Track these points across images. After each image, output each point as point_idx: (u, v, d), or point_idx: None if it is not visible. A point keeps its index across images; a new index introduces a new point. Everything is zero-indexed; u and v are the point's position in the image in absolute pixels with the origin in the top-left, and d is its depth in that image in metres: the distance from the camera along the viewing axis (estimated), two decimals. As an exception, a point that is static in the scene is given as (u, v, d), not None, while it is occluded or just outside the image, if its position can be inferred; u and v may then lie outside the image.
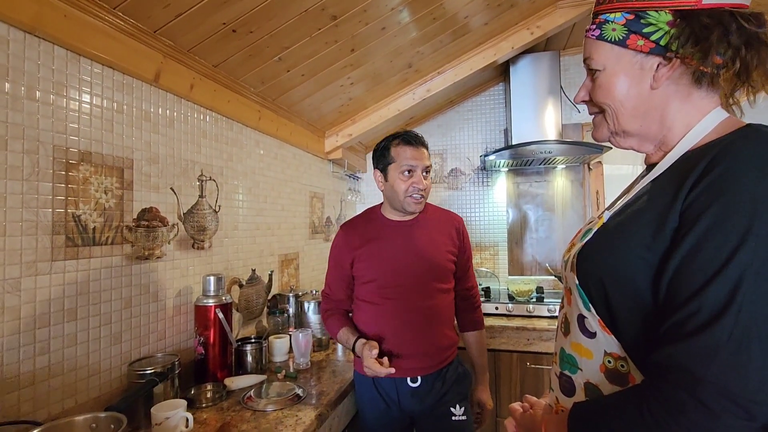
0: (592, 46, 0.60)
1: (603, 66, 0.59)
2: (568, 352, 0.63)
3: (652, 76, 0.56)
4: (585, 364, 0.59)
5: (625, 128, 0.61)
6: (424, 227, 1.32)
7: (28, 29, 0.91)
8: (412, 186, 1.24)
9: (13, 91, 0.89)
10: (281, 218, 1.97)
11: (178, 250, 1.34)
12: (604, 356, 0.56)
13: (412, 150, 1.25)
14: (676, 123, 0.58)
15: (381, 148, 1.32)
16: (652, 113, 0.58)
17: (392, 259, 1.28)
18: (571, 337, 0.62)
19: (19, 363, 0.89)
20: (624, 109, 0.59)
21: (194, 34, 1.26)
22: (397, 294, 1.26)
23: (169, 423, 0.98)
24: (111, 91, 1.12)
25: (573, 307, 0.62)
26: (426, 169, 1.27)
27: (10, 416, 0.86)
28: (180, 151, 1.37)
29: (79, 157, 1.03)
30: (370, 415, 1.30)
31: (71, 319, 1.00)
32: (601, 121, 0.64)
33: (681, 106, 0.57)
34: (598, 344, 0.57)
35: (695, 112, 0.57)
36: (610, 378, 0.56)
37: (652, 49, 0.55)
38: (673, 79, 0.56)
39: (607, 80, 0.59)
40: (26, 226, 0.91)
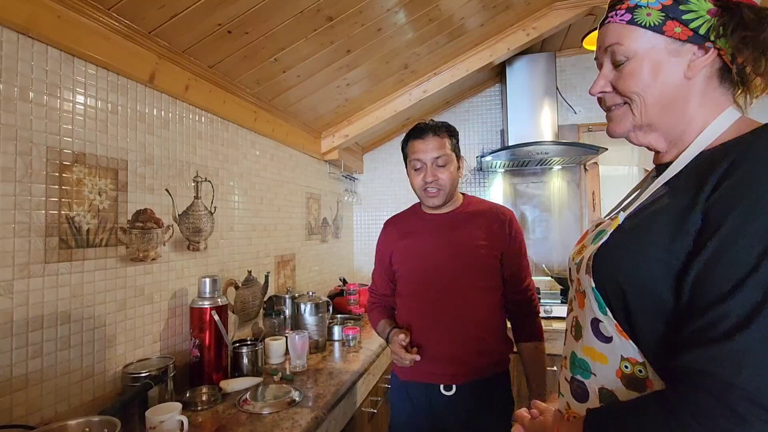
0: (621, 32, 0.57)
1: (634, 53, 0.56)
2: (580, 356, 0.61)
3: (687, 65, 0.54)
4: (599, 369, 0.57)
5: (651, 120, 0.58)
6: (462, 221, 1.24)
7: (22, 30, 0.90)
8: (422, 180, 1.20)
9: (6, 93, 0.88)
10: (277, 219, 1.97)
11: (173, 252, 1.34)
12: (621, 361, 0.54)
13: (420, 143, 1.21)
14: (696, 118, 0.56)
15: (402, 142, 1.29)
16: (678, 105, 0.56)
17: (425, 253, 1.23)
18: (584, 342, 0.60)
19: (11, 366, 0.88)
20: (653, 98, 0.56)
21: (189, 35, 1.25)
22: (428, 290, 1.21)
23: (164, 426, 0.97)
24: (105, 92, 1.12)
25: (586, 310, 0.60)
26: (436, 160, 1.18)
27: (3, 420, 0.85)
28: (175, 152, 1.36)
29: (72, 158, 1.02)
30: (396, 421, 1.25)
31: (65, 322, 0.99)
32: (624, 113, 0.60)
33: (702, 100, 0.56)
34: (614, 349, 0.55)
35: (713, 108, 0.56)
36: (627, 383, 0.54)
37: (690, 37, 0.53)
38: (706, 71, 0.55)
39: (638, 67, 0.56)
40: (19, 228, 0.90)
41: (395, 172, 2.85)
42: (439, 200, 1.22)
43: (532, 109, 2.36)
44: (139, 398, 1.02)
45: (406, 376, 1.22)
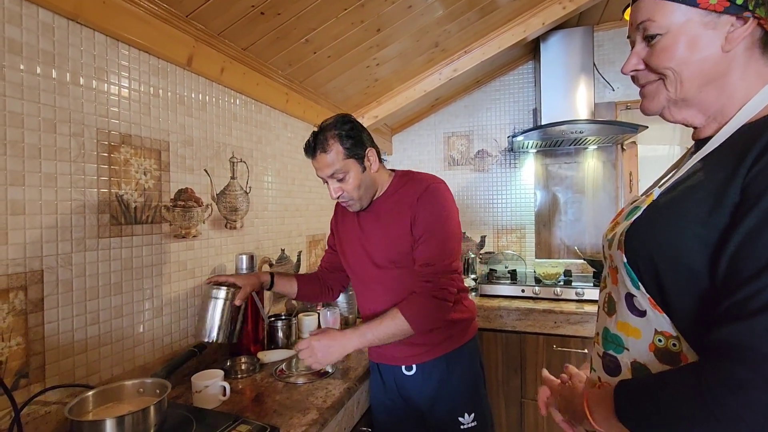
0: (653, 7, 0.55)
1: (667, 28, 0.54)
2: (613, 332, 0.61)
3: (724, 37, 0.52)
4: (632, 343, 0.58)
5: (686, 95, 0.56)
6: (379, 210, 1.19)
7: (71, 16, 0.95)
8: (332, 194, 1.15)
9: (59, 77, 0.93)
10: (309, 200, 2.01)
11: (212, 230, 1.40)
12: (655, 335, 0.55)
13: (313, 162, 1.14)
14: (738, 91, 0.54)
15: None
16: (717, 80, 0.54)
17: (350, 250, 1.26)
18: (618, 317, 0.60)
19: (72, 332, 0.96)
20: (690, 72, 0.54)
21: (224, 18, 1.28)
22: (360, 280, 1.25)
23: (208, 391, 1.04)
24: (147, 75, 1.16)
25: (620, 285, 0.60)
26: (333, 175, 1.10)
27: (67, 380, 0.94)
28: (212, 133, 1.41)
29: (120, 139, 1.07)
30: (373, 397, 1.30)
31: (117, 293, 1.07)
32: (657, 89, 0.58)
33: (744, 72, 0.53)
34: (648, 323, 0.55)
35: (756, 80, 0.53)
36: (661, 357, 0.54)
37: (726, 8, 0.51)
38: (742, 43, 0.52)
39: (672, 43, 0.54)
40: (75, 205, 0.97)
41: (424, 153, 2.83)
42: (357, 207, 1.18)
43: (567, 87, 2.27)
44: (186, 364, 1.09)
45: (374, 358, 1.27)
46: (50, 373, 0.91)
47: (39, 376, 0.89)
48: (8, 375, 0.83)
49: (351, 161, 1.11)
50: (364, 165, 1.14)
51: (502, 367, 2.00)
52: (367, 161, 1.14)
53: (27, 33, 0.87)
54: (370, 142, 1.17)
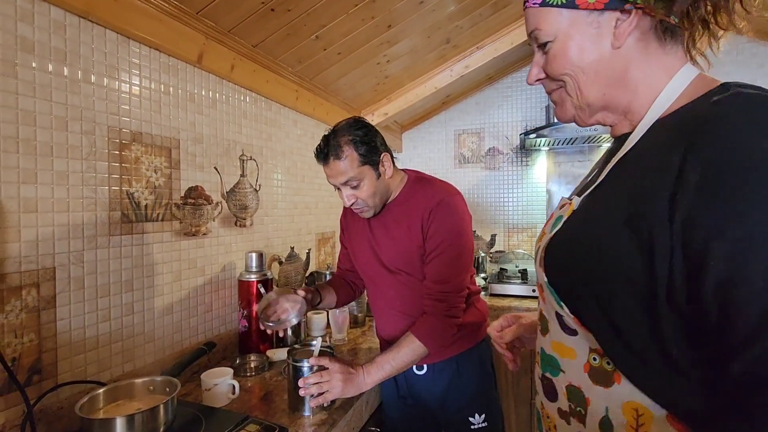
0: (537, 16, 0.53)
1: (554, 35, 0.52)
2: (548, 352, 0.58)
3: (612, 33, 0.49)
4: (567, 365, 0.54)
5: (589, 100, 0.53)
6: (390, 216, 1.16)
7: (82, 14, 0.95)
8: (345, 200, 1.11)
9: (71, 75, 0.93)
10: (318, 197, 2.01)
11: (221, 228, 1.40)
12: (589, 353, 0.51)
13: (325, 168, 1.09)
14: (641, 87, 0.51)
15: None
16: (616, 77, 0.51)
17: (360, 251, 1.25)
18: (551, 336, 0.57)
19: (84, 329, 0.97)
20: (586, 76, 0.52)
21: (234, 14, 1.27)
22: (373, 282, 1.24)
23: (218, 389, 1.04)
24: (158, 73, 1.16)
25: (547, 303, 0.57)
26: (347, 183, 1.07)
27: (79, 376, 0.95)
28: (222, 131, 1.40)
29: (130, 137, 1.08)
30: (385, 395, 1.29)
31: (128, 290, 1.07)
32: (562, 96, 0.56)
33: (644, 65, 0.50)
34: (582, 341, 0.52)
35: (661, 71, 0.50)
36: (594, 377, 0.50)
37: (606, 4, 0.48)
38: (634, 35, 0.49)
39: (561, 48, 0.52)
40: (86, 203, 0.97)
41: (434, 151, 2.80)
42: (369, 214, 1.15)
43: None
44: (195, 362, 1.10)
45: None
46: (62, 369, 0.92)
47: (51, 372, 0.90)
48: (21, 371, 0.84)
49: (366, 168, 1.07)
50: (378, 171, 1.09)
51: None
52: (381, 167, 1.10)
53: (39, 31, 0.87)
54: (384, 146, 1.13)
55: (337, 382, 0.97)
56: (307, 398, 0.99)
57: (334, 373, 0.98)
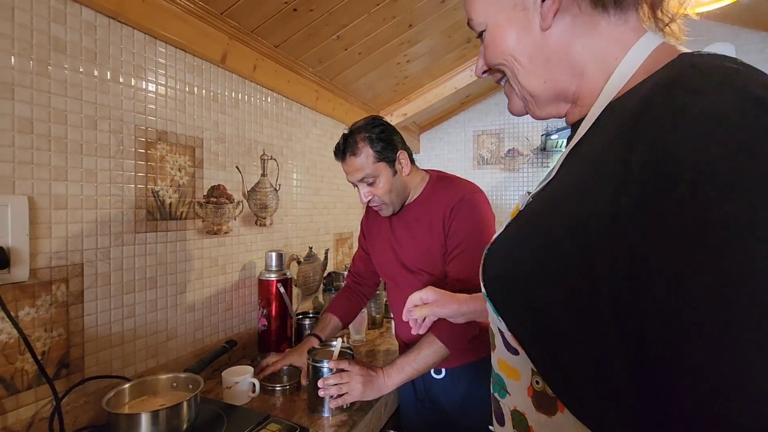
0: (468, 5, 0.50)
1: (485, 23, 0.48)
2: (495, 371, 0.52)
3: (538, 14, 0.44)
4: (512, 386, 0.48)
5: (532, 90, 0.48)
6: (411, 216, 1.16)
7: (112, 15, 0.97)
8: (363, 197, 1.13)
9: (100, 75, 0.95)
10: (336, 198, 2.01)
11: (242, 226, 1.41)
12: (532, 376, 0.45)
13: (343, 165, 1.12)
14: (589, 65, 0.44)
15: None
16: (555, 61, 0.45)
17: (383, 250, 1.24)
18: (497, 353, 0.51)
19: (110, 324, 0.98)
20: (520, 64, 0.47)
21: (258, 15, 1.28)
22: (395, 284, 1.23)
23: (238, 387, 1.04)
24: (183, 72, 1.18)
25: (491, 317, 0.50)
26: (363, 180, 1.09)
27: (104, 371, 0.96)
28: (244, 130, 1.42)
29: (156, 136, 1.09)
30: (403, 399, 1.28)
31: (152, 287, 1.09)
32: (508, 88, 0.52)
33: (589, 41, 0.44)
34: (524, 361, 0.45)
35: (613, 46, 0.43)
36: (537, 403, 0.44)
37: None
38: (566, 12, 0.43)
39: (492, 36, 0.48)
40: (113, 200, 0.99)
41: (452, 152, 2.78)
42: (388, 212, 1.15)
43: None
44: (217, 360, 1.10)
45: None
46: (89, 363, 0.93)
47: (78, 366, 0.91)
48: (50, 365, 0.86)
49: (381, 165, 1.08)
50: (395, 168, 1.11)
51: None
52: (398, 164, 1.11)
53: (71, 31, 0.89)
54: (402, 144, 1.14)
55: (357, 384, 0.96)
56: (326, 399, 0.98)
57: (354, 375, 0.97)
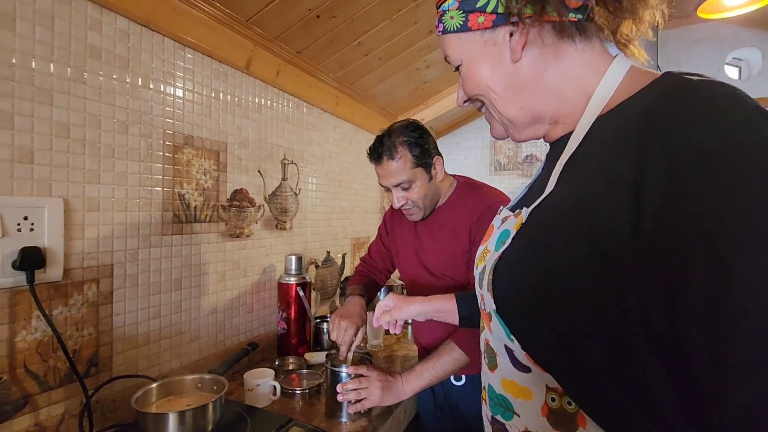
0: (443, 43, 0.54)
1: (460, 59, 0.52)
2: (498, 392, 0.50)
3: (508, 48, 0.48)
4: (522, 407, 0.47)
5: (509, 116, 0.52)
6: (438, 221, 1.15)
7: (144, 23, 0.99)
8: (395, 201, 1.11)
9: (132, 81, 0.98)
10: (354, 202, 2.01)
11: (263, 230, 1.42)
12: (546, 393, 0.44)
13: (377, 168, 1.10)
14: (565, 88, 0.48)
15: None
16: (529, 89, 0.49)
17: (404, 253, 1.24)
18: (501, 372, 0.50)
19: (137, 324, 1.00)
20: (496, 93, 0.51)
21: (282, 22, 1.30)
22: (414, 288, 1.22)
23: (260, 390, 1.05)
24: (210, 78, 1.20)
25: (495, 334, 0.49)
26: (399, 185, 1.07)
27: (130, 370, 0.98)
28: (266, 135, 1.44)
29: (183, 140, 1.11)
30: (421, 405, 1.27)
31: (177, 289, 1.11)
32: (488, 114, 0.56)
33: (560, 68, 0.48)
34: (537, 379, 0.44)
35: (585, 69, 0.47)
36: (554, 421, 0.43)
37: (494, 21, 0.48)
38: (533, 44, 0.48)
39: (467, 70, 0.52)
40: (142, 203, 1.01)
41: (469, 157, 2.77)
42: (417, 217, 1.14)
43: (627, 88, 2.15)
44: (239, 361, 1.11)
45: None
46: (116, 363, 0.95)
47: (107, 365, 0.93)
48: (80, 363, 0.88)
49: (419, 170, 1.07)
50: (430, 174, 1.10)
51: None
52: (433, 170, 1.11)
53: (106, 39, 0.92)
54: (436, 149, 1.14)
55: (376, 390, 0.96)
56: (345, 404, 0.98)
57: (373, 381, 0.97)
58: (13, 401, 0.77)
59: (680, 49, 2.27)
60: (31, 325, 0.79)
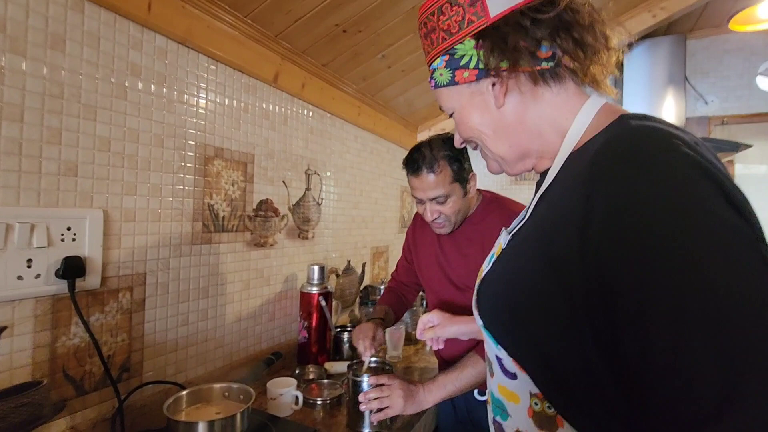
0: (437, 95, 0.61)
1: (452, 108, 0.59)
2: (496, 396, 0.57)
3: (492, 96, 0.55)
4: (513, 409, 0.54)
5: (501, 155, 0.58)
6: (465, 235, 1.15)
7: (181, 41, 1.03)
8: (426, 214, 1.11)
9: (168, 96, 1.02)
10: (374, 212, 2.03)
11: (286, 239, 1.45)
12: (530, 398, 0.51)
13: (415, 180, 1.08)
14: (545, 129, 0.54)
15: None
16: (513, 129, 0.56)
17: (427, 266, 1.24)
18: (496, 379, 0.57)
19: (166, 331, 1.03)
20: (486, 136, 0.57)
21: (309, 36, 1.33)
22: (437, 299, 1.22)
23: (282, 399, 1.06)
24: (240, 92, 1.24)
25: (488, 346, 0.57)
26: (435, 199, 1.07)
27: (159, 377, 1.01)
28: (291, 146, 1.46)
29: (213, 152, 1.15)
30: (442, 421, 1.26)
31: (204, 297, 1.13)
32: (484, 152, 0.62)
33: (539, 110, 0.54)
34: (522, 385, 0.51)
35: (561, 110, 0.53)
36: (538, 422, 0.50)
37: (477, 75, 0.55)
38: (513, 91, 0.54)
39: (460, 117, 0.59)
40: (174, 214, 1.04)
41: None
42: (446, 231, 1.14)
43: (652, 100, 2.11)
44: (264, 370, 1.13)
45: None
46: (146, 369, 0.98)
47: (138, 370, 0.96)
48: (114, 368, 0.91)
49: (456, 185, 1.07)
50: (466, 189, 1.10)
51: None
52: (469, 185, 1.11)
53: (145, 57, 0.96)
54: (470, 165, 1.14)
55: (398, 399, 0.96)
56: (366, 414, 0.99)
57: (395, 389, 0.97)
58: (51, 404, 0.80)
59: (709, 60, 2.23)
60: (70, 331, 0.83)
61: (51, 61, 0.79)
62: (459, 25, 0.53)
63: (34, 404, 0.76)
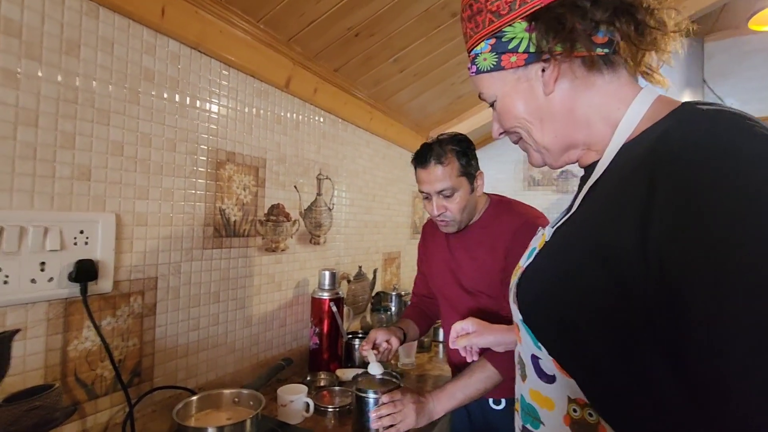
0: (477, 83, 0.58)
1: (494, 96, 0.57)
2: (527, 401, 0.54)
3: (541, 82, 0.52)
4: (546, 416, 0.50)
5: (546, 145, 0.55)
6: (472, 238, 1.14)
7: (194, 45, 1.04)
8: (431, 210, 1.11)
9: (181, 101, 1.02)
10: (386, 217, 2.01)
11: (297, 244, 1.44)
12: (568, 404, 0.47)
13: (423, 172, 1.09)
14: (593, 117, 0.52)
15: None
16: (561, 118, 0.53)
17: (438, 272, 1.22)
18: (529, 382, 0.54)
19: (177, 336, 1.03)
20: (532, 124, 0.55)
21: (321, 40, 1.33)
22: (453, 308, 1.19)
23: (293, 406, 1.05)
24: (252, 97, 1.24)
25: (524, 345, 0.54)
26: (441, 192, 1.06)
27: (170, 381, 1.00)
28: (303, 151, 1.46)
29: (225, 157, 1.15)
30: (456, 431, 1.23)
31: (215, 301, 1.13)
32: (525, 144, 0.59)
33: (590, 98, 0.51)
34: (560, 390, 0.48)
35: (613, 100, 0.50)
36: (577, 431, 0.46)
37: (526, 59, 0.52)
38: (564, 77, 0.51)
39: (503, 105, 0.56)
40: (185, 218, 1.04)
41: (503, 172, 2.73)
42: (452, 229, 1.13)
43: (671, 102, 2.06)
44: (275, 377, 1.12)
45: None
46: (157, 373, 0.98)
47: (148, 375, 0.96)
48: (124, 372, 0.90)
49: (463, 179, 1.08)
50: (473, 186, 1.10)
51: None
52: (476, 182, 1.11)
53: (158, 62, 0.96)
54: (477, 163, 1.14)
55: (411, 412, 0.94)
56: (378, 430, 0.96)
57: (407, 404, 0.94)
58: (63, 408, 0.80)
59: (729, 62, 2.17)
60: (82, 335, 0.83)
61: (66, 66, 0.80)
62: (509, 6, 0.51)
63: (46, 407, 0.76)
